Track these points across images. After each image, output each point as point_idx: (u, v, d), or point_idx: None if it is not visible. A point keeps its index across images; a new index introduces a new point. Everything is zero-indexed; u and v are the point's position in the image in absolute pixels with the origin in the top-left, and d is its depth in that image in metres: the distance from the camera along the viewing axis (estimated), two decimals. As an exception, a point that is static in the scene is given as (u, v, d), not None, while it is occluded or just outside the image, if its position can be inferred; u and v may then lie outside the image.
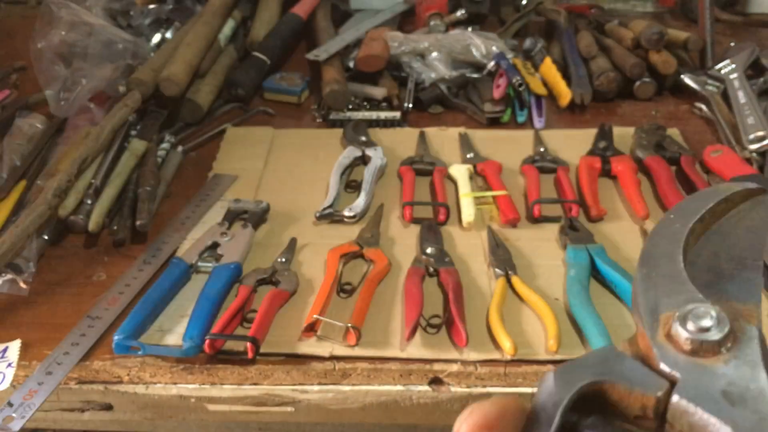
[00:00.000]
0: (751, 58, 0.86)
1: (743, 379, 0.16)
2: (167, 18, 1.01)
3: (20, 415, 0.48)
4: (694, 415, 0.16)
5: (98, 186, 0.69)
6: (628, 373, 0.17)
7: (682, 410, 0.16)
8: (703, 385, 0.16)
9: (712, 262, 0.19)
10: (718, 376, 0.16)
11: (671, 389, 0.16)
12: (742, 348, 0.16)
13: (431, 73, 0.89)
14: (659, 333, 0.17)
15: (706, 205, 0.20)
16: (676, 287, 0.18)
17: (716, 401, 0.16)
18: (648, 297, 0.18)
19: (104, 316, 0.56)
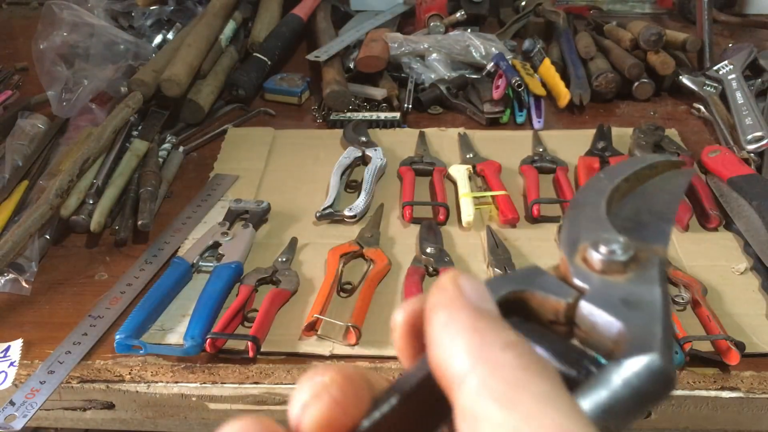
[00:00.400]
0: (749, 59, 0.87)
1: (641, 291, 0.18)
2: (168, 19, 1.01)
3: (22, 413, 0.49)
4: (595, 316, 0.18)
5: (100, 186, 0.69)
6: (546, 285, 0.19)
7: (587, 313, 0.18)
8: (606, 294, 0.19)
9: (631, 214, 0.22)
10: (620, 288, 0.19)
11: (579, 297, 0.19)
12: (644, 270, 0.19)
13: (431, 73, 0.89)
14: (577, 258, 0.20)
15: (633, 169, 0.23)
16: (596, 226, 0.21)
17: (615, 305, 0.18)
18: (570, 232, 0.21)
19: (106, 316, 0.57)
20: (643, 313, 0.18)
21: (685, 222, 0.65)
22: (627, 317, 0.18)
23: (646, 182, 0.23)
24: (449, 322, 0.18)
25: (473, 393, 0.16)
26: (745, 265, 0.61)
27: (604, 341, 0.18)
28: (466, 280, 0.19)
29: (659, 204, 0.22)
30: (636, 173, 0.23)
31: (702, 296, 0.56)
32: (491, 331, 0.17)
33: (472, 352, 0.17)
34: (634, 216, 0.22)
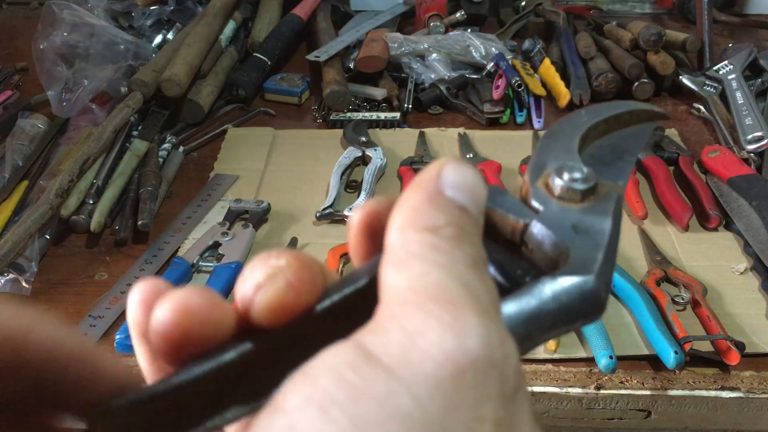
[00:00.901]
0: (749, 59, 0.87)
1: (592, 221, 0.19)
2: (168, 19, 1.01)
3: None
4: (544, 237, 0.19)
5: (100, 186, 0.69)
6: (506, 204, 0.20)
7: (536, 232, 0.19)
8: (559, 218, 0.19)
9: (600, 153, 0.23)
10: (574, 215, 0.19)
11: (533, 218, 0.20)
12: (600, 203, 0.20)
13: (431, 74, 0.89)
14: (539, 182, 0.21)
15: (614, 112, 0.24)
16: (564, 156, 0.21)
17: (565, 229, 0.19)
18: (539, 158, 0.21)
19: (106, 316, 0.57)
20: (589, 240, 0.19)
21: (685, 222, 0.65)
22: (573, 240, 0.18)
23: (624, 128, 0.24)
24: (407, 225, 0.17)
25: (390, 263, 0.17)
26: (745, 265, 0.61)
27: (547, 262, 0.19)
28: (452, 169, 0.18)
29: (625, 145, 0.23)
30: (616, 116, 0.24)
31: (702, 296, 0.56)
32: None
33: (421, 241, 0.17)
34: (603, 155, 0.23)
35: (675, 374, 0.51)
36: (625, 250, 0.63)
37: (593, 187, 0.20)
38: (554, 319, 0.17)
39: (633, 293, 0.56)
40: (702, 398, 0.51)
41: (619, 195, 0.20)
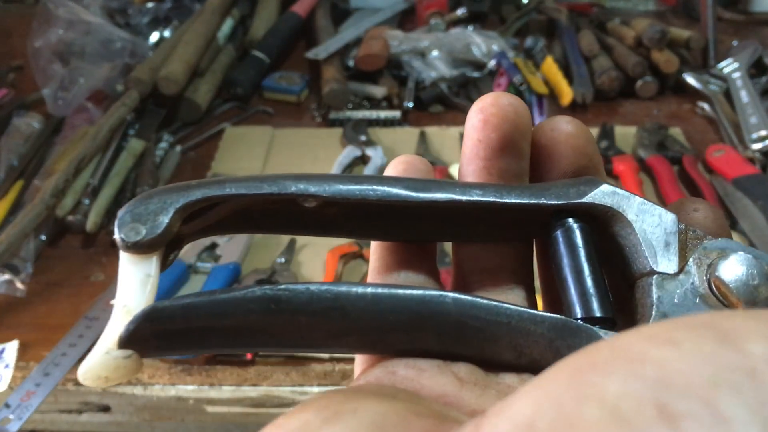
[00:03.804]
0: (754, 57, 0.86)
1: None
2: (165, 16, 1.00)
3: (18, 416, 0.48)
4: (651, 301, 0.17)
5: (96, 186, 0.69)
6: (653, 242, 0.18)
7: (654, 293, 0.18)
8: (683, 299, 0.18)
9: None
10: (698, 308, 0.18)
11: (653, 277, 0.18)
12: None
13: (431, 72, 0.88)
14: (708, 258, 0.18)
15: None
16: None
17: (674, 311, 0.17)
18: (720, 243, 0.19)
19: (102, 317, 0.56)
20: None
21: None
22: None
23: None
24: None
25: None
26: (750, 266, 0.60)
27: (627, 315, 0.17)
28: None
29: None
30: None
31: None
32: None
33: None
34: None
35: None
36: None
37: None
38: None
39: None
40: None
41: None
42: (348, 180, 0.18)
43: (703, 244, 0.18)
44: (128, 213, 0.17)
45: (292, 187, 0.17)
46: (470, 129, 0.19)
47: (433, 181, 0.18)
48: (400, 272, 0.20)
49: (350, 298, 0.16)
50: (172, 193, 0.17)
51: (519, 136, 0.19)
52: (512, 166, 0.19)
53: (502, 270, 0.20)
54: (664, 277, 0.17)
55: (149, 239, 0.17)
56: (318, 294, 0.16)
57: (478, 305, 0.17)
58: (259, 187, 0.17)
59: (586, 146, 0.19)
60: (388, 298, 0.17)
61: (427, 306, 0.17)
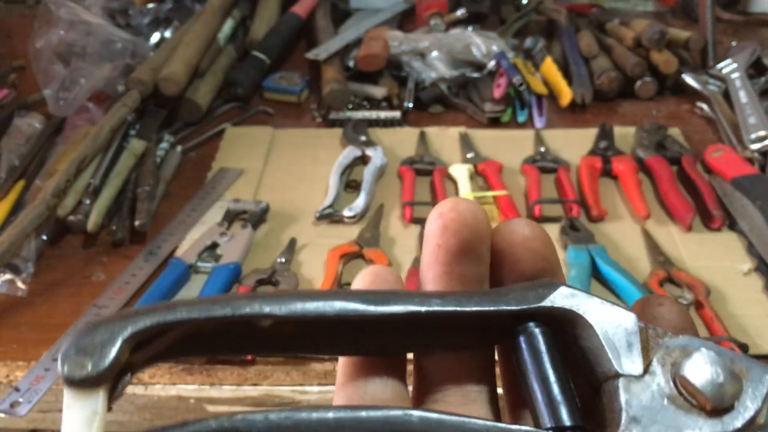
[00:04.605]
0: (753, 58, 0.86)
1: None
2: (166, 17, 1.01)
3: (27, 399, 0.49)
4: (622, 407, 0.17)
5: (97, 186, 0.69)
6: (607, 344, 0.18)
7: (622, 399, 0.17)
8: (652, 405, 0.17)
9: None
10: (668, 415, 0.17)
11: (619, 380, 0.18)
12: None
13: (431, 72, 0.89)
14: (672, 356, 0.18)
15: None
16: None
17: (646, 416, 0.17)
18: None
19: (110, 305, 0.57)
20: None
21: (688, 222, 0.64)
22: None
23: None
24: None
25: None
26: (748, 266, 0.60)
27: (599, 421, 0.17)
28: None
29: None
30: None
31: (705, 297, 0.56)
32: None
33: None
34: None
35: (679, 377, 0.51)
36: (627, 250, 0.63)
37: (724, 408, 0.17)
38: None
39: (636, 294, 0.55)
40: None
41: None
42: (304, 297, 0.17)
43: (665, 342, 0.18)
44: (72, 346, 0.16)
45: (245, 308, 0.17)
46: (430, 234, 0.19)
47: (392, 292, 0.18)
48: (366, 388, 0.19)
49: (312, 424, 0.16)
50: (119, 322, 0.16)
51: (478, 241, 0.19)
52: (472, 270, 0.19)
53: (465, 378, 0.20)
54: (629, 380, 0.17)
55: (95, 374, 0.16)
56: (277, 423, 0.16)
57: (445, 423, 0.16)
58: (211, 309, 0.17)
59: (544, 249, 0.19)
60: (351, 421, 0.16)
61: (392, 426, 0.16)
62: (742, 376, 0.17)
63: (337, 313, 0.17)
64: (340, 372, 0.20)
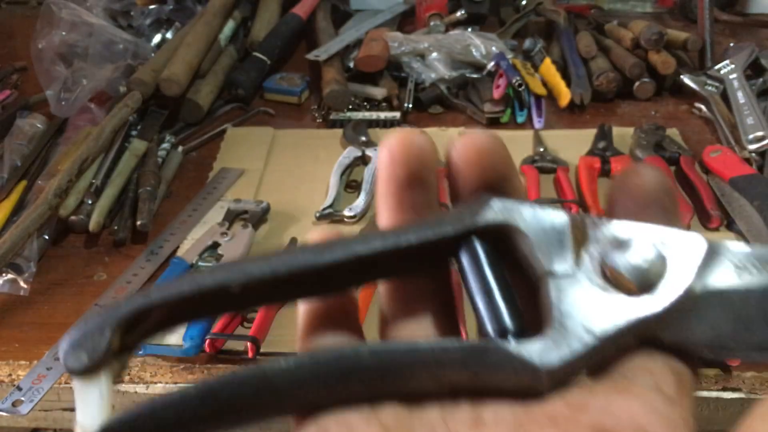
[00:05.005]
0: (751, 59, 0.86)
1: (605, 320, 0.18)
2: (168, 18, 1.01)
3: (29, 398, 0.50)
4: (552, 302, 0.18)
5: (99, 186, 0.69)
6: (539, 245, 0.19)
7: (552, 294, 0.19)
8: (584, 293, 0.19)
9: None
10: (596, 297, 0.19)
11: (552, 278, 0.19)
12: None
13: (431, 73, 0.89)
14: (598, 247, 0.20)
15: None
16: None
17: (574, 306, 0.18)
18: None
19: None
20: (578, 336, 0.17)
21: (687, 222, 0.65)
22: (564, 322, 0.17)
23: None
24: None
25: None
26: (746, 266, 0.61)
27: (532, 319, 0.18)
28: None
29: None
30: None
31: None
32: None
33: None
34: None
35: (676, 375, 0.51)
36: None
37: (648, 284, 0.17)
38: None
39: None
40: (703, 399, 0.50)
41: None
42: (260, 261, 0.19)
43: (597, 234, 0.18)
44: (68, 342, 0.18)
45: (208, 280, 0.19)
46: (381, 167, 0.21)
47: (336, 242, 0.19)
48: (326, 335, 0.21)
49: (273, 371, 0.18)
50: (105, 314, 0.19)
51: (425, 170, 0.21)
52: (421, 198, 0.21)
53: (420, 304, 0.21)
54: (561, 276, 0.18)
55: (93, 363, 0.18)
56: (249, 377, 0.18)
57: (394, 349, 0.18)
58: (180, 287, 0.19)
59: (494, 161, 0.20)
60: (311, 364, 0.18)
61: (347, 362, 0.18)
62: (669, 255, 0.18)
63: (289, 269, 0.19)
64: (300, 323, 0.22)
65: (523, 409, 0.17)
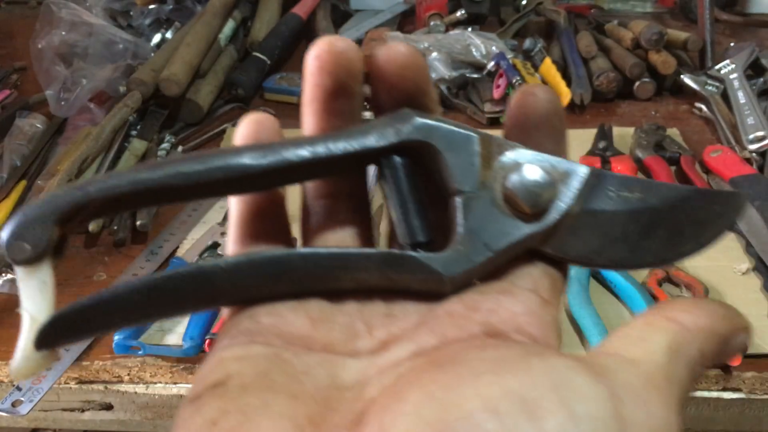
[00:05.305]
0: (751, 59, 0.86)
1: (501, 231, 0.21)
2: (167, 18, 1.01)
3: (29, 398, 0.50)
4: (460, 221, 0.21)
5: (98, 186, 0.69)
6: (458, 160, 0.21)
7: (458, 207, 0.21)
8: (483, 213, 0.21)
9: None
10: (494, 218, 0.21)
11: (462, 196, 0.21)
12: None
13: (431, 73, 0.89)
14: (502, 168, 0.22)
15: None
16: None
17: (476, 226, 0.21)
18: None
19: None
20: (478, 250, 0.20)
21: (687, 222, 0.65)
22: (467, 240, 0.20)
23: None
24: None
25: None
26: (746, 266, 0.61)
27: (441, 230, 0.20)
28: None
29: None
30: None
31: (704, 297, 0.56)
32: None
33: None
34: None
35: (677, 375, 0.51)
36: (626, 250, 0.63)
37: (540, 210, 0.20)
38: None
39: (635, 294, 0.56)
40: (703, 399, 0.50)
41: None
42: (193, 161, 0.20)
43: (502, 158, 0.21)
44: (10, 233, 0.19)
45: (145, 176, 0.20)
46: (308, 74, 0.21)
47: (270, 147, 0.21)
48: (259, 244, 0.22)
49: (214, 271, 0.20)
50: (43, 205, 0.19)
51: (351, 80, 0.21)
52: (346, 106, 0.22)
53: (343, 215, 0.23)
54: (468, 196, 0.20)
55: (36, 253, 0.19)
56: (189, 273, 0.20)
57: (321, 256, 0.20)
58: (119, 182, 0.20)
59: (416, 76, 0.21)
60: (246, 264, 0.20)
61: (280, 266, 0.20)
62: (559, 180, 0.20)
63: (225, 174, 0.20)
64: (232, 231, 0.23)
65: (427, 307, 0.20)
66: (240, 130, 0.23)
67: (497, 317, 0.19)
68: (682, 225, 0.21)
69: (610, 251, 0.20)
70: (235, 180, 0.20)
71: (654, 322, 0.19)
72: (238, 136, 0.23)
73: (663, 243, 0.21)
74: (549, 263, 0.21)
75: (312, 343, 0.19)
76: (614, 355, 0.17)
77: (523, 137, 0.21)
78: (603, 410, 0.15)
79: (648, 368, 0.17)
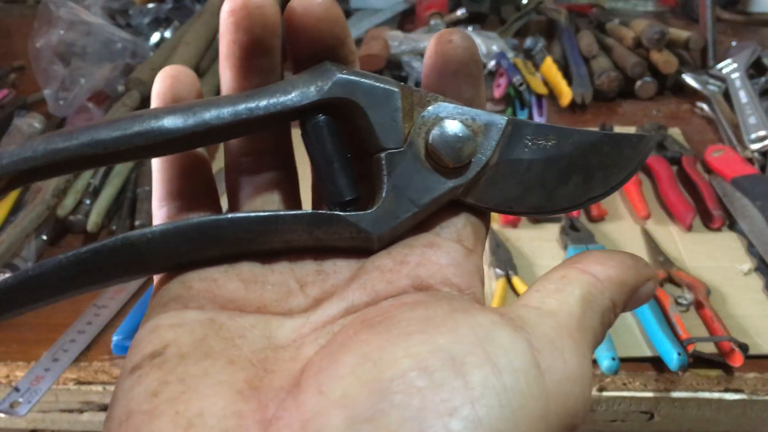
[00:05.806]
0: (753, 58, 0.86)
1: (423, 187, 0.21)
2: (166, 17, 1.01)
3: (27, 399, 0.50)
4: (384, 179, 0.21)
5: (97, 186, 0.69)
6: (385, 117, 0.21)
7: (383, 165, 0.21)
8: (406, 171, 0.21)
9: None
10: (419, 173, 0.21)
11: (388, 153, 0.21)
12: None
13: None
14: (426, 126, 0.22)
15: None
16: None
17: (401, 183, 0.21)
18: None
19: (110, 305, 0.57)
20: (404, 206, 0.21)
21: (689, 222, 0.64)
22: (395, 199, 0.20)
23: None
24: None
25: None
26: (748, 266, 0.60)
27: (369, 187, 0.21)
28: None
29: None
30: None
31: (705, 297, 0.56)
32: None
33: None
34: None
35: (678, 376, 0.51)
36: (627, 250, 0.63)
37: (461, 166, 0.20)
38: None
39: (636, 294, 0.55)
40: (705, 400, 0.50)
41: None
42: (110, 127, 0.20)
43: (423, 113, 0.21)
44: None
45: (60, 145, 0.19)
46: (224, 30, 0.21)
47: (190, 108, 0.20)
48: (183, 202, 0.22)
49: (143, 240, 0.20)
50: None
51: (269, 35, 0.21)
52: (265, 62, 0.21)
53: (262, 154, 0.23)
54: (392, 153, 0.20)
55: None
56: (116, 245, 0.20)
57: (250, 220, 0.20)
58: (32, 156, 0.19)
59: (334, 28, 0.21)
60: (174, 233, 0.20)
61: (209, 231, 0.20)
62: (479, 132, 0.21)
63: (145, 139, 0.20)
64: (158, 205, 0.23)
65: (357, 263, 0.21)
66: (156, 86, 0.22)
67: (425, 270, 0.20)
68: (594, 169, 0.21)
69: (528, 198, 0.21)
70: (156, 145, 0.20)
71: (568, 274, 0.20)
72: (154, 92, 0.22)
73: (577, 187, 0.21)
74: (471, 212, 0.21)
75: (246, 305, 0.20)
76: (533, 308, 0.18)
77: (441, 84, 0.21)
78: (523, 362, 0.16)
79: (563, 319, 0.18)
